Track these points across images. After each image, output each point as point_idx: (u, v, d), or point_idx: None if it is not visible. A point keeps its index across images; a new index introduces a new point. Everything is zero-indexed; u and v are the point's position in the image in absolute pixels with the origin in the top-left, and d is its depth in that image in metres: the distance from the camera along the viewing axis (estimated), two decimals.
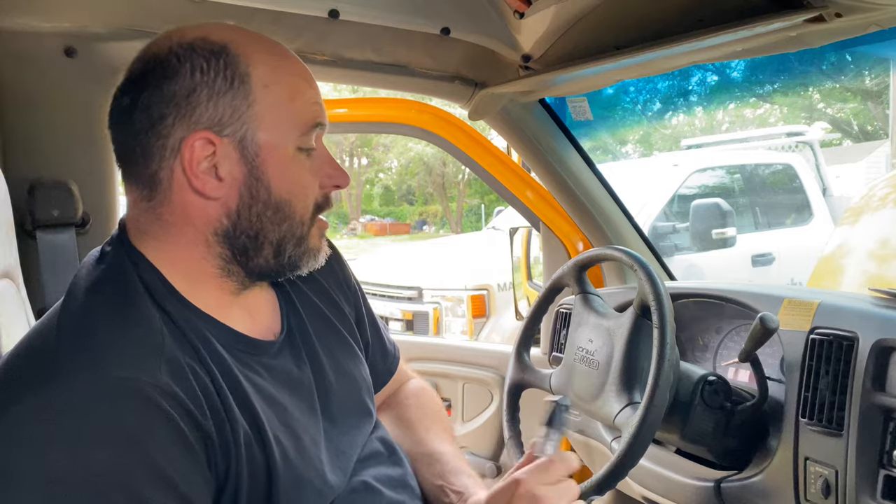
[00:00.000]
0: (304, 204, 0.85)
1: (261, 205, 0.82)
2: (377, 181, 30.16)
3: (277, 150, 0.82)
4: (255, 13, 1.32)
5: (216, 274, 0.83)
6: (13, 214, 1.12)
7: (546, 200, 1.97)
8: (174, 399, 0.70)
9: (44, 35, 1.28)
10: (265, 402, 0.81)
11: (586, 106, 1.87)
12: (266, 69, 0.81)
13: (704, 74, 12.13)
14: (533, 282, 2.45)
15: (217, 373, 0.77)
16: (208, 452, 0.73)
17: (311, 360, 0.91)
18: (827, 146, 9.94)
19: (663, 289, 1.22)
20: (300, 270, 0.88)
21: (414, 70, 1.61)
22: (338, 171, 0.88)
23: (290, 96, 0.83)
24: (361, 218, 26.86)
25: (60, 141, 1.32)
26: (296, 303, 0.95)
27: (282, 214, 0.83)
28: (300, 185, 0.84)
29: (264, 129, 0.81)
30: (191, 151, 0.78)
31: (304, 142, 0.84)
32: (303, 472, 0.81)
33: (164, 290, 0.79)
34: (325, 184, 0.87)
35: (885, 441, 1.09)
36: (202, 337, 0.79)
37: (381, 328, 1.14)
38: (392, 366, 1.15)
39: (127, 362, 0.70)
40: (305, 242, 0.86)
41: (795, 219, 5.76)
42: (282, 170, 0.82)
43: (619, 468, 1.17)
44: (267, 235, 0.83)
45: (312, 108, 0.85)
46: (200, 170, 0.79)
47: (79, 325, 0.73)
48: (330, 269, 1.01)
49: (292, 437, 0.82)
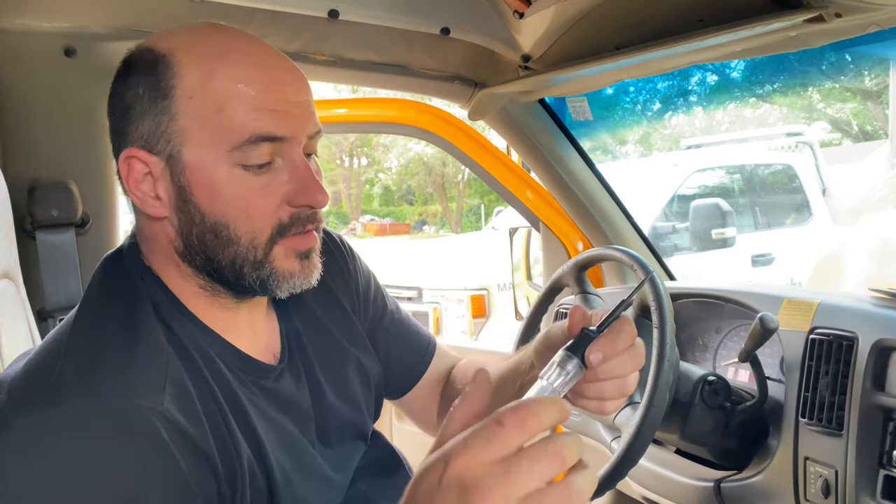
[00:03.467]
0: (251, 227, 0.75)
1: (198, 227, 0.76)
2: (377, 181, 30.16)
3: (206, 168, 0.74)
4: (255, 13, 1.32)
5: (202, 292, 0.79)
6: (13, 215, 1.12)
7: (546, 200, 1.97)
8: (176, 427, 0.68)
9: (43, 35, 1.28)
10: (266, 423, 0.79)
11: (586, 106, 1.87)
12: (195, 78, 0.73)
13: (704, 74, 12.12)
14: (533, 282, 2.45)
15: (219, 393, 0.75)
16: (206, 481, 0.70)
17: (309, 382, 0.88)
18: (827, 146, 9.94)
19: (663, 289, 1.22)
20: (274, 294, 0.79)
21: (414, 70, 1.61)
22: (307, 188, 0.76)
23: (217, 107, 0.73)
24: (361, 218, 26.87)
25: (60, 141, 1.32)
26: (294, 319, 0.91)
27: (223, 238, 0.75)
28: (239, 207, 0.75)
29: (189, 146, 0.74)
30: (127, 169, 0.76)
31: (244, 158, 0.73)
32: (303, 494, 0.80)
33: (169, 306, 0.78)
34: (294, 201, 0.76)
35: (885, 441, 1.09)
36: (206, 355, 0.77)
37: (406, 322, 1.08)
38: (420, 363, 1.07)
39: (129, 388, 0.68)
40: (267, 266, 0.77)
41: (795, 219, 5.76)
42: (212, 190, 0.74)
43: (618, 468, 1.16)
44: (218, 258, 0.76)
45: (253, 117, 0.73)
46: (141, 188, 0.76)
47: (85, 345, 0.72)
48: (334, 265, 0.97)
49: (293, 458, 0.81)
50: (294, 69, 0.80)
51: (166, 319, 0.76)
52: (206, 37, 0.77)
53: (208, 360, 0.77)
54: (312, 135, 0.79)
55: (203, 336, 0.79)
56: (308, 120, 0.78)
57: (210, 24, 0.79)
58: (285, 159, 0.76)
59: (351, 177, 28.47)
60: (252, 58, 0.76)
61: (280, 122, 0.75)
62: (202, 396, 0.73)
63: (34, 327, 1.15)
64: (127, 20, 1.29)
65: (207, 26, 0.79)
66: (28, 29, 1.26)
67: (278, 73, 0.76)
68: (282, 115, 0.75)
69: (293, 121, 0.76)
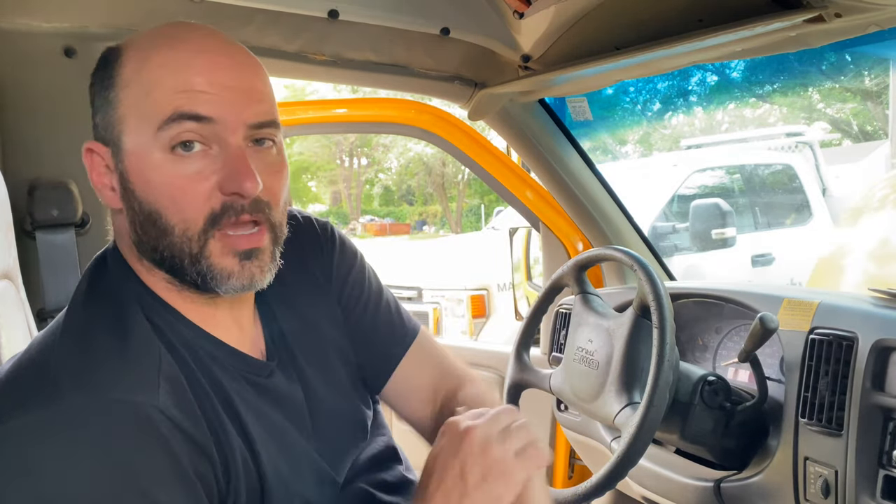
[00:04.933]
0: (183, 216, 0.74)
1: (138, 216, 0.75)
2: (377, 181, 30.17)
3: (140, 153, 0.74)
4: (255, 13, 1.32)
5: (172, 287, 0.78)
6: (13, 215, 1.12)
7: (546, 200, 1.97)
8: (172, 421, 0.68)
9: (43, 35, 1.28)
10: (256, 417, 0.79)
11: (586, 106, 1.87)
12: (131, 67, 0.75)
13: (704, 74, 12.12)
14: (533, 282, 2.45)
15: (208, 387, 0.75)
16: (205, 476, 0.70)
17: (300, 378, 0.88)
18: (826, 146, 9.94)
19: (663, 289, 1.22)
20: (216, 292, 0.77)
21: (414, 70, 1.61)
22: (235, 174, 0.73)
23: (146, 91, 0.74)
24: (361, 218, 26.87)
25: (60, 141, 1.32)
26: (277, 315, 0.89)
27: (159, 228, 0.74)
28: (168, 193, 0.73)
29: (127, 133, 0.75)
30: (90, 161, 0.78)
31: (168, 138, 0.73)
32: (296, 488, 0.80)
33: (152, 303, 0.77)
34: (224, 188, 0.74)
35: (885, 441, 1.09)
36: (192, 350, 0.77)
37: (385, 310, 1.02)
38: (395, 346, 1.01)
39: (125, 383, 0.68)
40: (204, 261, 0.75)
41: (795, 219, 5.76)
42: (145, 176, 0.74)
43: (618, 468, 1.17)
44: (160, 250, 0.75)
45: (175, 97, 0.73)
46: (101, 181, 0.78)
47: (77, 343, 0.72)
48: (315, 248, 0.96)
49: (285, 453, 0.80)
50: (236, 56, 0.78)
51: (151, 317, 0.76)
52: (157, 31, 0.78)
53: (195, 355, 0.77)
54: (256, 123, 0.76)
55: (187, 331, 0.78)
56: (244, 105, 0.75)
57: (175, 22, 0.80)
58: (221, 146, 0.75)
59: (351, 177, 28.48)
60: (187, 44, 0.76)
61: (206, 103, 0.73)
62: (195, 391, 0.73)
63: (34, 327, 1.15)
64: (127, 20, 1.29)
65: (170, 23, 0.80)
66: (28, 29, 1.26)
67: (212, 57, 0.76)
68: (209, 97, 0.74)
69: (222, 103, 0.74)
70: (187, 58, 0.75)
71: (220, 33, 0.79)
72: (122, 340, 0.72)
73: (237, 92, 0.76)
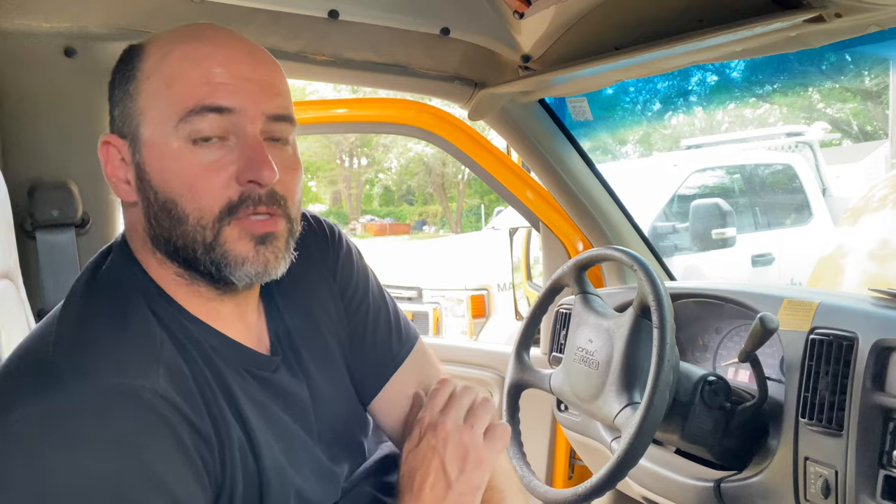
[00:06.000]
0: (198, 205, 0.75)
1: (154, 207, 0.76)
2: (377, 181, 30.18)
3: (158, 144, 0.75)
4: (255, 13, 1.32)
5: (182, 281, 0.79)
6: (13, 215, 1.12)
7: (546, 200, 1.97)
8: (172, 405, 0.69)
9: (43, 35, 1.28)
10: (258, 411, 0.79)
11: (586, 106, 1.87)
12: (153, 60, 0.77)
13: (704, 74, 12.13)
14: (533, 282, 2.45)
15: (210, 378, 0.76)
16: (206, 459, 0.71)
17: (305, 376, 0.88)
18: (827, 146, 9.94)
19: (663, 289, 1.22)
20: (230, 281, 0.77)
21: (413, 70, 1.61)
22: (254, 163, 0.75)
23: (168, 83, 0.75)
24: (361, 218, 26.88)
25: (60, 141, 1.32)
26: (282, 314, 0.89)
27: (173, 217, 0.75)
28: (185, 182, 0.74)
29: (146, 124, 0.76)
30: (105, 154, 0.79)
31: (189, 130, 0.74)
32: (296, 483, 0.80)
33: (157, 297, 0.78)
34: (241, 178, 0.75)
35: (885, 441, 1.09)
36: (196, 343, 0.77)
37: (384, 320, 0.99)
38: (387, 355, 0.98)
39: (125, 368, 0.69)
40: (219, 249, 0.76)
41: (795, 219, 5.77)
42: (162, 166, 0.75)
43: (618, 468, 1.17)
44: (173, 240, 0.76)
45: (197, 89, 0.74)
46: (117, 174, 0.79)
47: (76, 331, 0.73)
48: (317, 247, 0.95)
49: (286, 448, 0.81)
50: (256, 53, 0.80)
51: (155, 310, 0.77)
52: (179, 28, 0.80)
53: (198, 347, 0.77)
54: (274, 116, 0.78)
55: (191, 325, 0.79)
56: (263, 96, 0.77)
57: (197, 23, 0.81)
58: (239, 136, 0.76)
59: (351, 177, 28.49)
60: (209, 39, 0.78)
61: (228, 94, 0.75)
62: (196, 380, 0.74)
63: (34, 327, 1.15)
64: (127, 20, 1.29)
65: (192, 24, 0.81)
66: (28, 29, 1.26)
67: (232, 52, 0.77)
68: (231, 87, 0.75)
69: (242, 94, 0.76)
70: (209, 51, 0.77)
71: (235, 32, 0.81)
72: (121, 328, 0.73)
73: (257, 84, 0.77)
